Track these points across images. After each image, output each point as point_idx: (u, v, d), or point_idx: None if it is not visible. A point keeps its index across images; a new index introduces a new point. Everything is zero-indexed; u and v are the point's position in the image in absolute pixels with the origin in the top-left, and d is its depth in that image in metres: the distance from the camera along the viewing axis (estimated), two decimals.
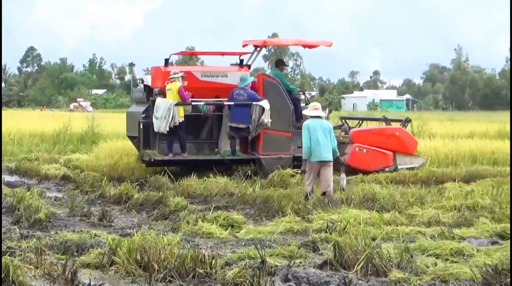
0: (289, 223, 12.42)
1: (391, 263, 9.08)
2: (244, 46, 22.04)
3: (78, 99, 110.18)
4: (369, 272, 8.87)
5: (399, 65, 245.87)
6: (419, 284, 8.36)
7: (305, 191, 14.93)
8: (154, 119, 19.34)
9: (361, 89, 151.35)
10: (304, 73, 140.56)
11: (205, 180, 17.40)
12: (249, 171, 19.59)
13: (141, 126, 19.78)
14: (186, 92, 19.25)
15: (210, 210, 13.82)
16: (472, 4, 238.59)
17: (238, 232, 12.10)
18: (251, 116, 19.55)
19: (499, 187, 15.73)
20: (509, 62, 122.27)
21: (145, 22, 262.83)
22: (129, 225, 12.78)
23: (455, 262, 9.52)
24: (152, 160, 19.17)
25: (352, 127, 22.43)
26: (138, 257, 9.05)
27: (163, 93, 19.63)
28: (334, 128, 19.95)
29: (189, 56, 76.93)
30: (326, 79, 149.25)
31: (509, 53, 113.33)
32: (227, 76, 20.45)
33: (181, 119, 19.22)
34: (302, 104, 21.07)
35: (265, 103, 19.68)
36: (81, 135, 29.68)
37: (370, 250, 9.02)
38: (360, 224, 11.94)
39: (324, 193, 14.71)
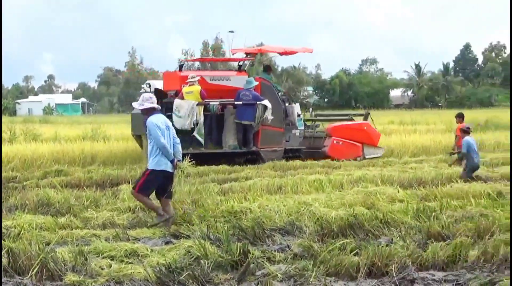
0: None
1: (66, 267, 9.03)
2: (233, 53, 26.03)
3: None
4: (44, 277, 8.76)
5: (74, 69, 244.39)
6: None
7: None
8: (176, 118, 21.86)
9: (36, 94, 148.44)
10: None
11: None
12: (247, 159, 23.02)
13: None
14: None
15: None
16: (143, 7, 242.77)
17: None
18: (255, 113, 22.74)
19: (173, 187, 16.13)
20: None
21: None
22: None
23: (130, 263, 9.60)
24: None
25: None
26: None
27: (177, 95, 22.33)
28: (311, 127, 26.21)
29: None
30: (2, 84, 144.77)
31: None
32: (230, 80, 23.64)
33: (201, 118, 22.22)
34: (286, 104, 24.63)
35: (267, 102, 23.05)
36: None
37: (44, 255, 8.91)
38: (34, 229, 11.77)
39: None
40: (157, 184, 12.37)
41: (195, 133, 22.31)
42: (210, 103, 22.56)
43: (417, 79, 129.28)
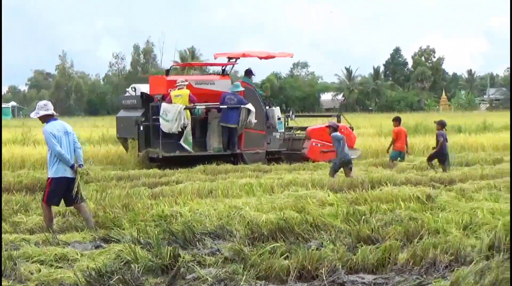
0: None
1: None
2: (215, 58, 26.04)
3: None
4: None
5: (4, 72, 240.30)
6: None
7: None
8: (163, 122, 22.45)
9: None
10: None
11: None
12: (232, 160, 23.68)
13: (141, 128, 22.85)
14: None
15: None
16: (73, 11, 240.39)
17: None
18: (239, 117, 23.30)
19: (103, 191, 16.05)
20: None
21: None
22: None
23: (60, 267, 9.53)
24: (160, 157, 22.24)
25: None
26: None
27: (164, 99, 22.74)
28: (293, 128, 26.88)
29: None
30: None
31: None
32: (214, 84, 24.29)
33: (188, 121, 22.66)
34: (267, 107, 25.27)
35: (250, 106, 23.58)
36: None
37: None
38: None
39: None
40: (62, 191, 12.31)
41: (181, 142, 22.81)
42: (196, 106, 23.13)
43: (347, 83, 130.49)
